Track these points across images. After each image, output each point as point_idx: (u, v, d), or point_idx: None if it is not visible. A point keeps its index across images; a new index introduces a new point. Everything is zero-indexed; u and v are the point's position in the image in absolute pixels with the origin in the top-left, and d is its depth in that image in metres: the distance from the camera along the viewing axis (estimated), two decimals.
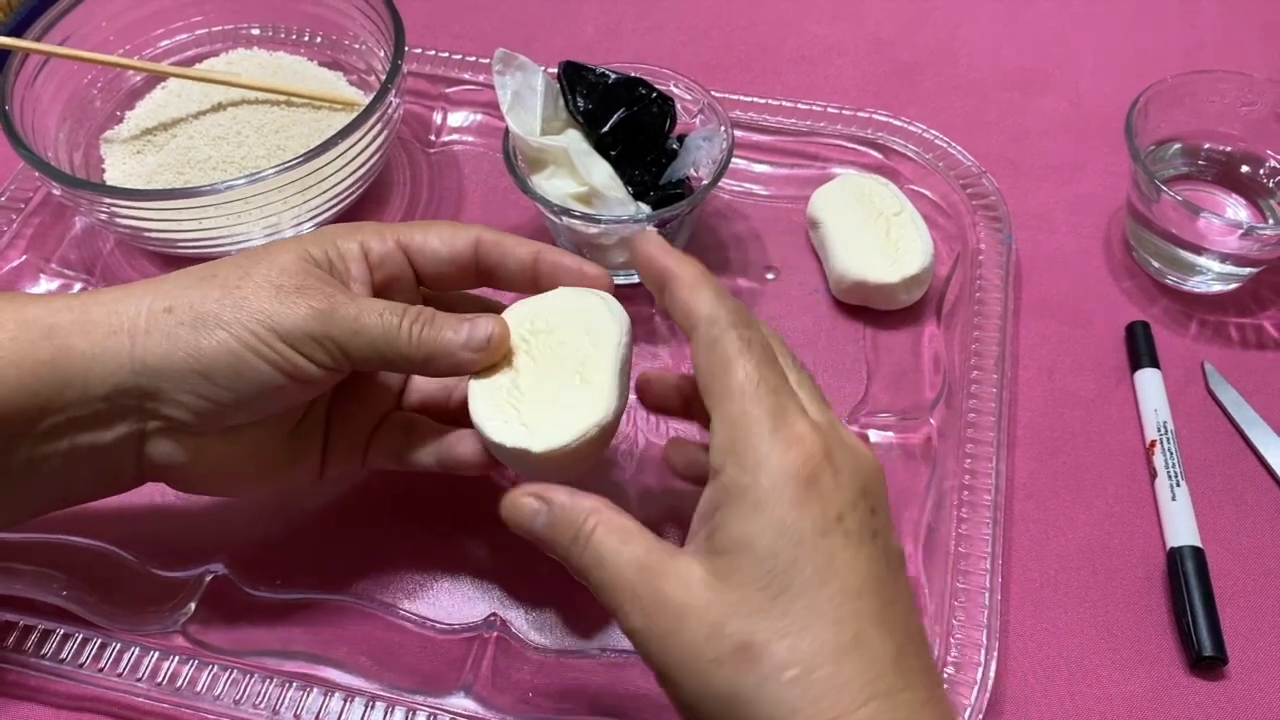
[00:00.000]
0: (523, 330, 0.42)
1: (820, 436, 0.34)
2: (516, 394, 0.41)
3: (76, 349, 0.38)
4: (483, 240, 0.44)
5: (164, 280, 0.40)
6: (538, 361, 0.42)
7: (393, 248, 0.43)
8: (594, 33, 0.75)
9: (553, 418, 0.40)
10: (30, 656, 0.45)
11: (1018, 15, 0.76)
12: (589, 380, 0.41)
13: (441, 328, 0.41)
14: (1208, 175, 0.62)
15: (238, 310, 0.38)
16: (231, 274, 0.40)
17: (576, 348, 0.41)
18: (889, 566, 0.34)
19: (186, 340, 0.38)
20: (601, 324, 0.42)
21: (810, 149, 0.65)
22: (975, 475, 0.50)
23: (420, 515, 0.51)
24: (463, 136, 0.68)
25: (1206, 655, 0.46)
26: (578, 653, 0.47)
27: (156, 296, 0.39)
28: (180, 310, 0.39)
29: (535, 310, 0.43)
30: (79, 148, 0.62)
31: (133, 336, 0.38)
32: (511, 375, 0.41)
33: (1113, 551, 0.50)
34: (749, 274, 0.60)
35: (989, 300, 0.57)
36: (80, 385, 0.38)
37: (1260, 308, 0.59)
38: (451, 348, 0.41)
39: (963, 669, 0.44)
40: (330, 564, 0.49)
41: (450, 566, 0.49)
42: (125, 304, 0.39)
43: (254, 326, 0.38)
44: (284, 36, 0.69)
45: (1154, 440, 0.53)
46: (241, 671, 0.45)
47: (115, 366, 0.38)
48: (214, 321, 0.38)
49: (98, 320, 0.39)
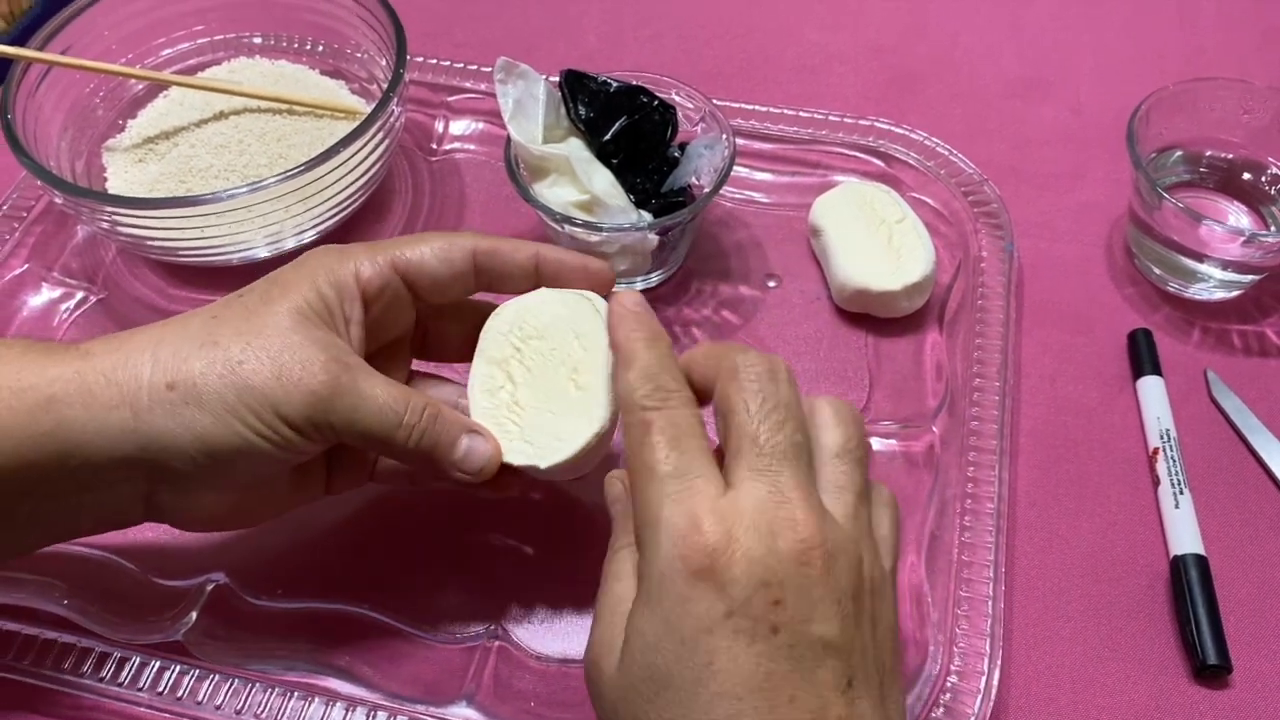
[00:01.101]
0: (513, 338, 0.43)
1: (720, 523, 0.32)
2: (517, 409, 0.42)
3: (77, 422, 0.37)
4: (479, 250, 0.44)
5: (162, 341, 0.39)
6: (532, 371, 0.42)
7: (388, 272, 0.43)
8: (595, 41, 0.75)
9: (554, 430, 0.41)
10: (31, 666, 0.45)
11: (1019, 23, 0.76)
12: (583, 386, 0.42)
13: (439, 436, 0.41)
14: (1209, 182, 0.62)
15: (240, 391, 0.38)
16: (234, 345, 0.39)
17: (568, 353, 0.42)
18: (792, 660, 0.32)
19: (190, 419, 0.38)
20: (590, 326, 0.42)
21: (812, 157, 0.65)
22: (978, 483, 0.50)
23: (422, 524, 0.51)
24: (464, 145, 0.68)
25: (1210, 664, 0.46)
26: (580, 662, 0.46)
27: (155, 366, 0.38)
28: (182, 387, 0.38)
29: (522, 315, 0.43)
30: (81, 156, 0.62)
31: (135, 411, 0.38)
32: (510, 390, 0.42)
33: (1116, 560, 0.50)
34: (751, 282, 0.60)
35: (991, 308, 0.56)
36: (82, 456, 0.38)
37: (1262, 315, 0.59)
38: (444, 462, 0.41)
39: (966, 677, 0.44)
40: (332, 573, 0.49)
41: (452, 575, 0.49)
42: (124, 374, 0.38)
43: (256, 408, 0.38)
44: (286, 45, 0.69)
45: (1157, 448, 0.52)
46: (243, 681, 0.45)
47: (119, 441, 0.38)
48: (217, 403, 0.38)
49: (97, 393, 0.38)
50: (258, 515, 0.44)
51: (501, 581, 0.49)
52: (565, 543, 0.50)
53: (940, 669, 0.45)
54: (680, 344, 0.57)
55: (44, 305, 0.59)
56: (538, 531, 0.50)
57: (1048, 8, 0.77)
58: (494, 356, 0.43)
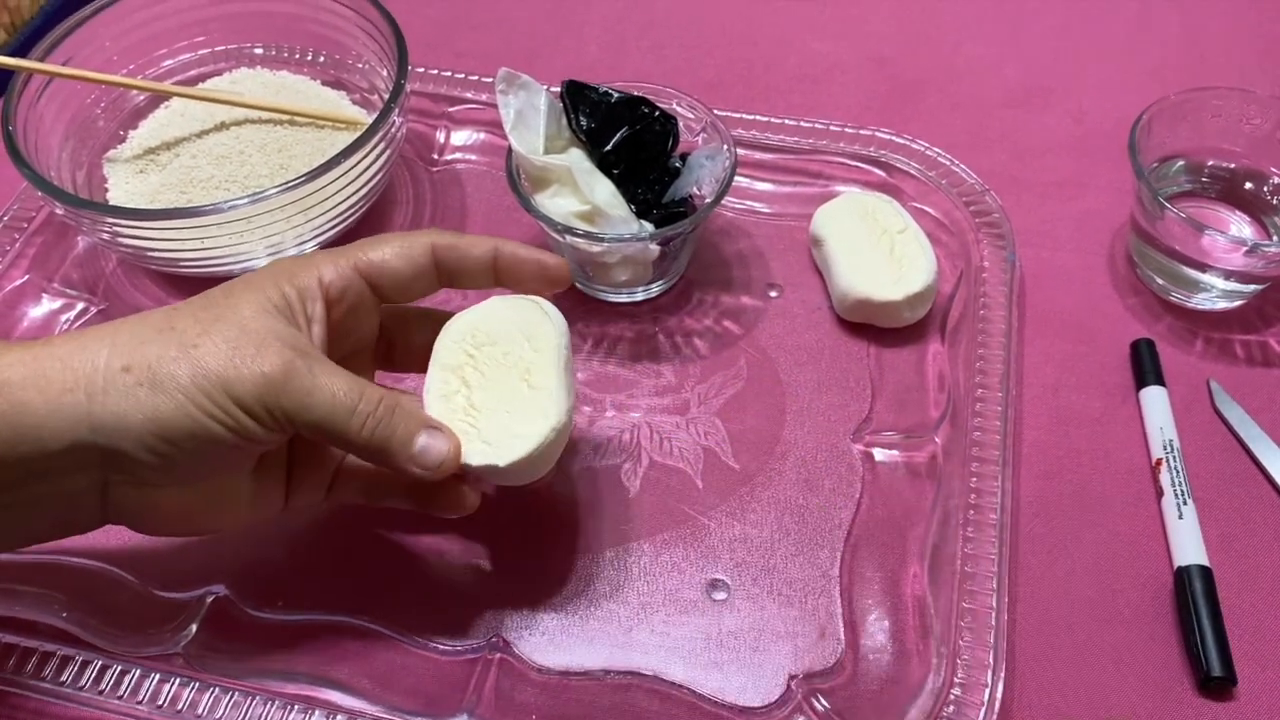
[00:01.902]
0: (466, 346, 0.44)
1: None
2: (473, 412, 0.43)
3: (30, 405, 0.37)
4: (438, 246, 0.44)
5: (120, 329, 0.39)
6: (486, 375, 0.43)
7: (350, 274, 0.43)
8: (597, 52, 0.75)
9: (510, 429, 0.42)
10: (31, 679, 0.45)
11: (1020, 32, 0.76)
12: (536, 386, 0.43)
13: (394, 429, 0.40)
14: (1211, 192, 0.61)
15: (194, 372, 0.38)
16: (191, 329, 0.39)
17: (520, 356, 0.44)
18: None
19: (144, 401, 0.38)
20: (539, 329, 0.44)
21: (813, 167, 0.65)
22: (981, 494, 0.50)
23: (422, 536, 0.50)
24: (466, 155, 0.68)
25: (1215, 676, 0.45)
26: (581, 674, 0.46)
27: (113, 351, 0.38)
28: (138, 369, 0.38)
29: (474, 323, 0.44)
30: (82, 167, 0.62)
31: (89, 395, 0.38)
32: (465, 394, 0.43)
33: (1119, 571, 0.50)
34: (752, 292, 0.60)
35: (993, 318, 0.56)
36: (34, 440, 0.37)
37: (1265, 325, 0.59)
38: (399, 457, 0.41)
39: (969, 690, 0.44)
40: (332, 585, 0.49)
41: (453, 587, 0.49)
42: (80, 358, 0.38)
43: (209, 389, 0.38)
44: (287, 56, 0.69)
45: (1160, 458, 0.52)
46: (243, 694, 0.44)
47: (72, 424, 0.37)
48: (171, 384, 0.38)
49: (52, 377, 0.38)
50: (214, 520, 0.43)
51: (502, 593, 0.49)
52: (567, 555, 0.50)
53: (943, 681, 0.45)
54: (681, 354, 0.57)
55: (45, 316, 0.59)
56: (539, 544, 0.50)
57: (1049, 17, 0.77)
58: (448, 363, 0.44)
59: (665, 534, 0.50)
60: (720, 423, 0.54)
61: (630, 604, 0.48)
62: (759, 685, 0.46)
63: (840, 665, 0.46)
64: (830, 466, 0.53)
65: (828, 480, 0.52)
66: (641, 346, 0.58)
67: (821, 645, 0.47)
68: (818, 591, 0.48)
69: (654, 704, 0.46)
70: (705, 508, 0.51)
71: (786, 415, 0.55)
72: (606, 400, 0.55)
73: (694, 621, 0.48)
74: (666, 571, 0.49)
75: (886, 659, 0.46)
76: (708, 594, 0.49)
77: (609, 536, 0.50)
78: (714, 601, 0.48)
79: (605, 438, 0.54)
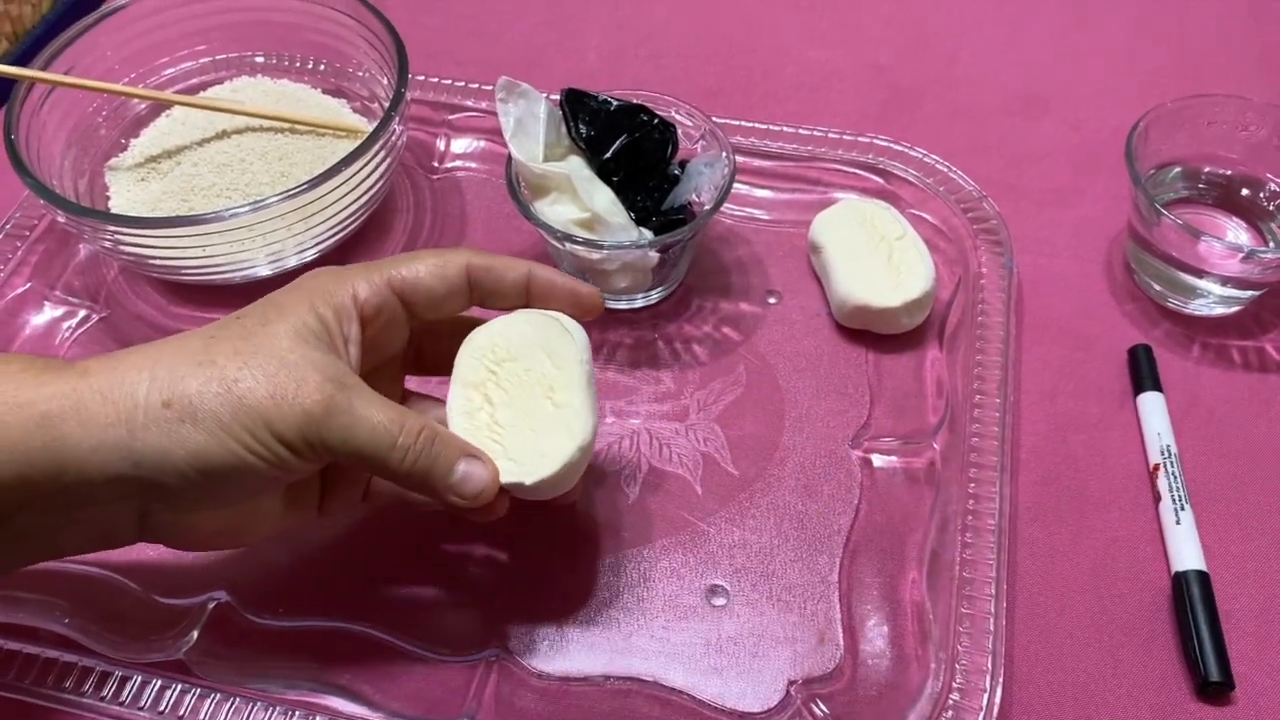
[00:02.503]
0: (487, 361, 0.44)
1: None
2: (497, 429, 0.43)
3: (72, 439, 0.37)
4: (473, 266, 0.44)
5: (159, 360, 0.39)
6: (509, 392, 0.43)
7: (385, 291, 0.43)
8: (596, 60, 0.76)
9: (536, 448, 0.42)
10: (33, 685, 0.45)
11: (1017, 40, 0.77)
12: (560, 404, 0.43)
13: (435, 460, 0.41)
14: (1208, 198, 0.62)
15: (236, 410, 0.38)
16: (230, 364, 0.39)
17: (542, 373, 0.43)
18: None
19: (186, 438, 0.38)
20: (561, 345, 0.44)
21: (811, 174, 0.65)
22: (979, 500, 0.50)
23: (423, 542, 0.51)
24: (466, 163, 0.68)
25: (1213, 681, 0.45)
26: (581, 680, 0.46)
27: (152, 385, 0.38)
28: (178, 405, 0.38)
29: (494, 340, 0.44)
30: (84, 175, 0.63)
31: (131, 430, 0.38)
32: (489, 411, 0.43)
33: (1118, 576, 0.50)
34: (751, 298, 0.60)
35: (991, 324, 0.57)
36: (76, 472, 0.38)
37: (1262, 330, 0.59)
38: (439, 486, 0.41)
39: (968, 695, 0.44)
40: (333, 591, 0.49)
41: (453, 594, 0.49)
42: (120, 392, 0.38)
43: (251, 426, 0.38)
44: (288, 64, 0.69)
45: (1157, 464, 0.52)
46: (244, 700, 0.45)
47: (114, 459, 0.38)
48: (212, 421, 0.38)
49: (94, 410, 0.38)
50: (251, 534, 0.44)
51: (503, 600, 0.49)
52: (567, 561, 0.50)
53: (942, 687, 0.45)
54: (680, 360, 0.57)
55: (46, 324, 0.60)
56: (539, 550, 0.50)
57: (1046, 25, 0.78)
58: (470, 380, 0.44)
59: (664, 540, 0.51)
60: (719, 429, 0.54)
61: (630, 609, 0.48)
62: (758, 691, 0.46)
63: (839, 670, 0.46)
64: (829, 472, 0.53)
65: (826, 486, 0.52)
66: (641, 353, 0.58)
67: (820, 651, 0.47)
68: (817, 597, 0.49)
69: (654, 710, 0.46)
70: (704, 514, 0.51)
71: (785, 421, 0.55)
72: (606, 407, 0.55)
73: (693, 627, 0.48)
74: (666, 577, 0.49)
75: (885, 664, 0.47)
76: (707, 600, 0.49)
77: (608, 542, 0.51)
78: (713, 607, 0.48)
79: (605, 444, 0.54)
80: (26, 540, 0.40)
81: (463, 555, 0.50)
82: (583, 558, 0.50)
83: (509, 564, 0.50)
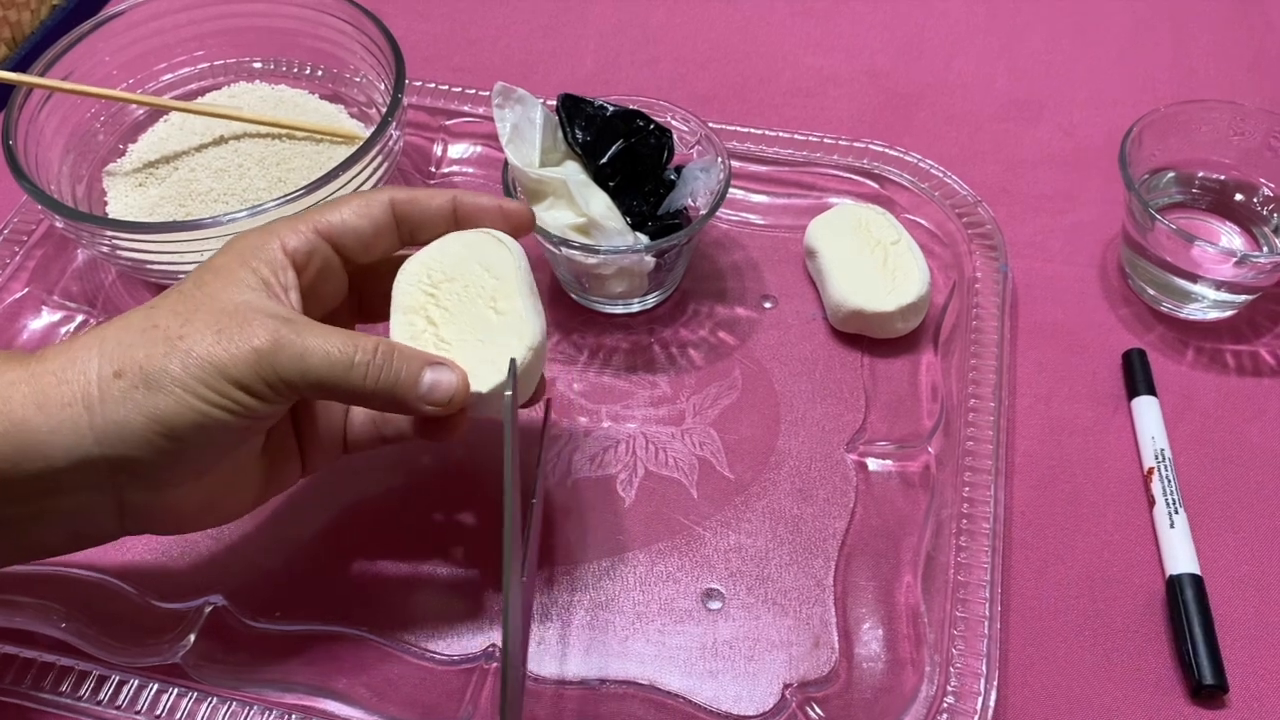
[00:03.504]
0: (423, 285, 0.43)
1: None
2: (444, 346, 0.42)
3: (31, 423, 0.37)
4: (397, 200, 0.44)
5: (105, 336, 0.39)
6: (450, 310, 0.43)
7: (312, 237, 0.43)
8: (592, 65, 0.76)
9: (485, 356, 0.42)
10: (30, 689, 0.45)
11: (1011, 46, 0.77)
12: (503, 311, 0.42)
13: (398, 372, 0.40)
14: (1202, 203, 0.62)
15: (186, 364, 0.38)
16: (172, 322, 0.39)
17: (481, 285, 0.43)
18: None
19: (142, 403, 0.37)
20: (496, 256, 0.43)
21: (807, 179, 0.65)
22: (973, 504, 0.50)
23: (420, 546, 0.51)
24: (463, 168, 0.68)
25: (1207, 684, 0.46)
26: (577, 683, 0.47)
27: (102, 359, 0.38)
28: (129, 373, 0.38)
29: (428, 264, 0.44)
30: (82, 181, 0.63)
31: (88, 406, 0.37)
32: (433, 331, 0.42)
33: (1112, 579, 0.50)
34: (746, 303, 0.60)
35: (986, 329, 0.57)
36: (39, 457, 0.37)
37: (1256, 335, 0.59)
38: (409, 398, 0.40)
39: (962, 698, 0.44)
40: (330, 595, 0.49)
41: (449, 597, 0.49)
42: (72, 370, 0.38)
43: (204, 376, 0.38)
44: (286, 70, 0.70)
45: (1151, 468, 0.53)
46: (241, 704, 0.45)
47: (76, 439, 0.37)
48: (166, 379, 0.38)
49: (50, 393, 0.38)
50: (235, 505, 0.44)
51: (498, 603, 0.49)
52: (561, 565, 0.50)
53: (936, 690, 0.45)
54: (676, 365, 0.57)
55: (44, 328, 0.60)
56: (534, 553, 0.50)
57: (1040, 31, 0.78)
58: (409, 306, 0.43)
59: (660, 544, 0.51)
60: (715, 433, 0.55)
61: (626, 613, 0.48)
62: (754, 694, 0.46)
63: (835, 674, 0.47)
64: (824, 476, 0.53)
65: (822, 490, 0.52)
66: (637, 357, 0.58)
67: (816, 654, 0.47)
68: (812, 600, 0.49)
69: (650, 713, 0.46)
70: (700, 518, 0.52)
71: (781, 425, 0.55)
72: (602, 411, 0.56)
73: (689, 631, 0.48)
74: (662, 581, 0.50)
75: (880, 667, 0.47)
76: (703, 603, 0.49)
77: (604, 546, 0.51)
78: (709, 611, 0.49)
79: (601, 448, 0.54)
80: (4, 536, 0.39)
81: (458, 559, 0.50)
82: (578, 562, 0.50)
83: None
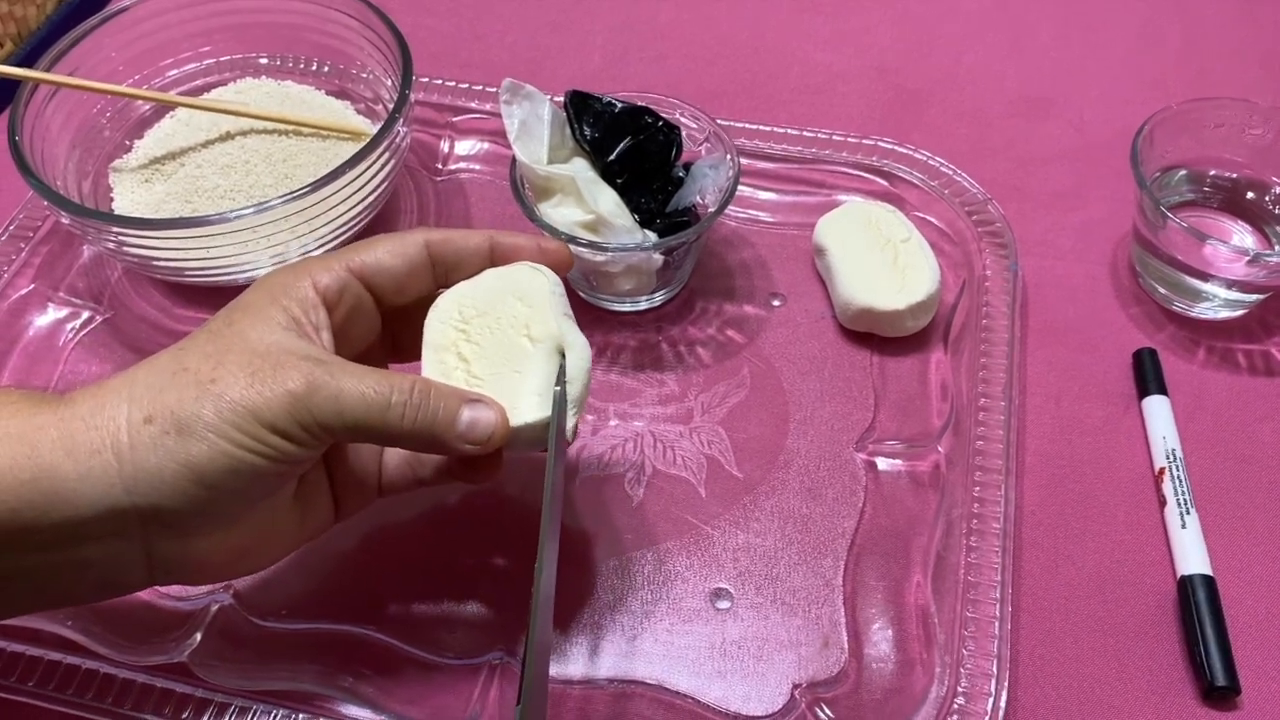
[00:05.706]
0: (454, 321, 0.42)
1: None
2: (477, 383, 0.41)
3: (61, 470, 0.36)
4: (432, 241, 0.44)
5: (134, 381, 0.38)
6: (482, 345, 0.42)
7: (345, 275, 0.42)
8: (600, 62, 0.75)
9: (524, 388, 0.41)
10: (36, 688, 0.45)
11: (1022, 43, 0.77)
12: (538, 337, 0.42)
13: (435, 411, 0.39)
14: (1213, 202, 0.62)
15: (219, 408, 0.37)
16: (203, 365, 0.38)
17: (514, 316, 0.42)
18: None
19: (174, 450, 0.36)
20: (530, 284, 0.42)
21: (816, 176, 0.65)
22: (984, 503, 0.50)
23: (427, 546, 0.51)
24: (470, 165, 0.68)
25: (1219, 685, 0.45)
26: (585, 683, 0.46)
27: (132, 404, 0.37)
28: (160, 418, 0.37)
29: (460, 299, 0.43)
30: (88, 177, 0.63)
31: (118, 454, 0.36)
32: (464, 368, 0.42)
33: (1123, 580, 0.50)
34: (755, 301, 0.60)
35: (996, 327, 0.56)
36: (68, 506, 0.36)
37: (1267, 334, 0.59)
38: (447, 437, 0.39)
39: (973, 699, 0.44)
40: (336, 594, 0.49)
41: (457, 597, 0.49)
42: (101, 416, 0.37)
43: (238, 421, 0.37)
44: (292, 66, 0.69)
45: (1163, 467, 0.52)
46: (247, 702, 0.45)
47: (105, 488, 0.36)
48: (198, 424, 0.36)
49: (79, 439, 0.36)
50: (267, 554, 0.42)
51: (505, 603, 0.49)
52: (570, 564, 0.50)
53: (947, 690, 0.45)
54: (684, 363, 0.57)
55: (50, 325, 0.60)
56: None
57: (1050, 28, 0.78)
58: (440, 344, 0.42)
59: (669, 543, 0.50)
60: (723, 432, 0.54)
61: (634, 613, 0.48)
62: (763, 694, 0.46)
63: (844, 674, 0.46)
64: (833, 476, 0.53)
65: (831, 489, 0.52)
66: (645, 356, 0.58)
67: (825, 654, 0.47)
68: (821, 600, 0.48)
69: (658, 713, 0.46)
70: (709, 517, 0.51)
71: (790, 424, 0.55)
72: (610, 409, 0.55)
73: (698, 630, 0.48)
74: (670, 580, 0.49)
75: (890, 668, 0.46)
76: (711, 603, 0.49)
77: (612, 545, 0.51)
78: (718, 610, 0.48)
79: (609, 447, 0.54)
80: (19, 582, 0.38)
81: (467, 559, 0.50)
82: (586, 561, 0.50)
83: (513, 567, 0.50)
